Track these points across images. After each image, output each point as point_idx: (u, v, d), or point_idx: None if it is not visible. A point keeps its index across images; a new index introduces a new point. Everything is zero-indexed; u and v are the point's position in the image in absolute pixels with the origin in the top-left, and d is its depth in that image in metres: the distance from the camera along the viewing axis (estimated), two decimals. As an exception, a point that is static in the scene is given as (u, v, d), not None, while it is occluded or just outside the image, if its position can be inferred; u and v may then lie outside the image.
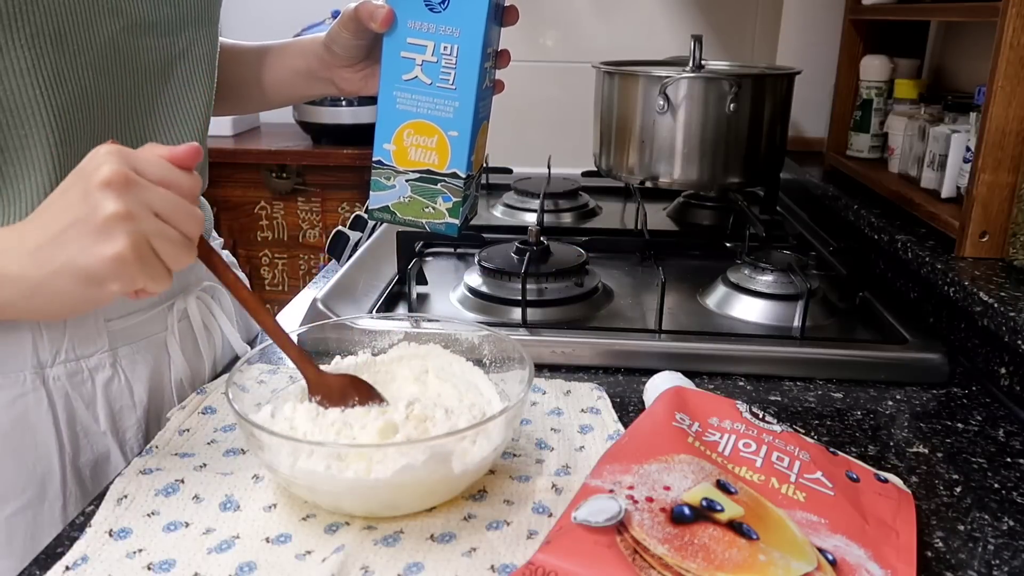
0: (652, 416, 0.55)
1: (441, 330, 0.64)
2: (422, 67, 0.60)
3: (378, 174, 0.64)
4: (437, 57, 0.60)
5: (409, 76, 0.61)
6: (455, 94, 0.60)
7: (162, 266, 0.48)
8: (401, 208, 0.64)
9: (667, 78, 0.98)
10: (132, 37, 0.61)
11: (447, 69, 0.60)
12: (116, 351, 0.66)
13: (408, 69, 0.61)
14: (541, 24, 1.57)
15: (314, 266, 2.15)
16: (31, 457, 0.62)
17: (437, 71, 0.60)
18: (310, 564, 0.47)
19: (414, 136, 0.62)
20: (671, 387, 0.59)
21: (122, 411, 0.67)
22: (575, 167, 1.34)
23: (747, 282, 0.84)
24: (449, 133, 0.61)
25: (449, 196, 0.63)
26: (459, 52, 0.59)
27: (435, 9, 0.59)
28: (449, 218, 0.64)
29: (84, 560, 0.47)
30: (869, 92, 1.21)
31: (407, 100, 0.61)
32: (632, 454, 0.50)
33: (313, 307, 0.79)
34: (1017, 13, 0.76)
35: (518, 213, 1.19)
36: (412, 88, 0.61)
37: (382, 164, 0.63)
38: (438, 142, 0.62)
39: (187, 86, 0.68)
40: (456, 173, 0.62)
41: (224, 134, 2.23)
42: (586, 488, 0.47)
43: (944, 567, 0.48)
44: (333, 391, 0.56)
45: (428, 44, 0.60)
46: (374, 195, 0.64)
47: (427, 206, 0.64)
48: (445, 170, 0.62)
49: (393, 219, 0.65)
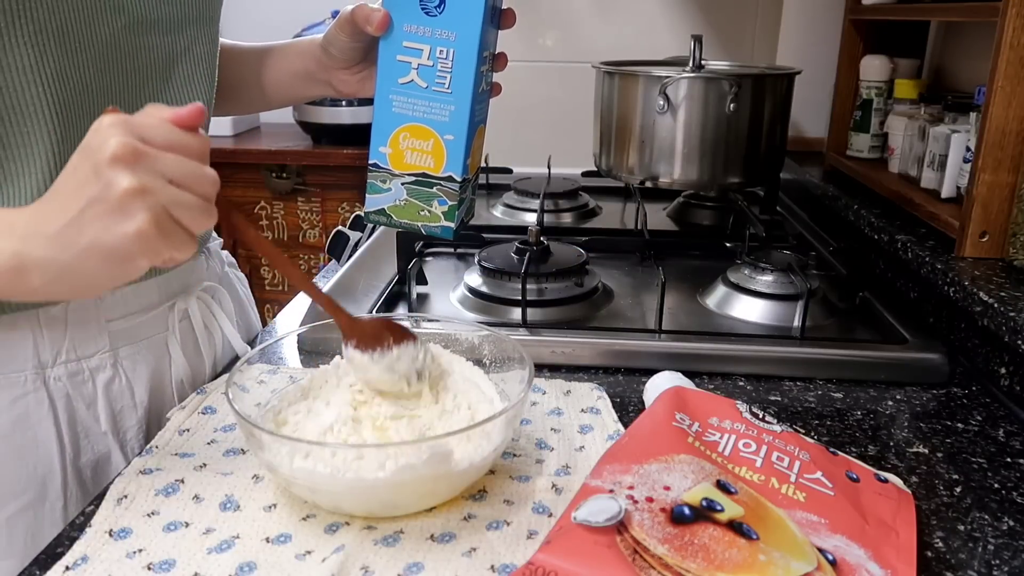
0: (652, 416, 0.55)
1: (441, 330, 0.64)
2: (418, 71, 0.60)
3: (374, 177, 0.64)
4: (433, 61, 0.60)
5: (405, 79, 0.61)
6: (451, 98, 0.60)
7: (185, 233, 0.46)
8: (397, 211, 0.64)
9: (667, 78, 0.98)
10: (134, 35, 0.61)
11: (443, 73, 0.60)
12: (117, 351, 0.66)
13: (404, 72, 0.61)
14: (541, 24, 1.57)
15: (314, 266, 2.15)
16: (32, 458, 0.62)
17: (433, 75, 0.60)
18: (310, 564, 0.47)
19: (410, 139, 0.62)
20: (671, 387, 0.59)
21: (123, 411, 0.67)
22: (575, 167, 1.34)
23: (747, 282, 0.84)
24: (445, 137, 0.61)
25: (445, 199, 0.63)
26: (455, 56, 0.59)
27: (431, 13, 0.59)
28: (445, 221, 0.64)
29: (84, 560, 0.47)
30: (869, 92, 1.21)
31: (403, 103, 0.61)
32: (632, 454, 0.50)
33: (313, 307, 0.79)
34: (1017, 13, 0.76)
35: (518, 213, 1.19)
36: (408, 91, 0.61)
37: (378, 167, 0.63)
38: (434, 146, 0.62)
39: (188, 84, 0.68)
40: (452, 176, 0.62)
41: (224, 134, 2.23)
42: (586, 488, 0.47)
43: (944, 567, 0.48)
44: (367, 334, 0.55)
45: (424, 48, 0.60)
46: (370, 198, 0.64)
47: (423, 209, 0.64)
48: (441, 173, 0.62)
49: (389, 222, 0.65)
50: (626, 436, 0.54)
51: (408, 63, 0.60)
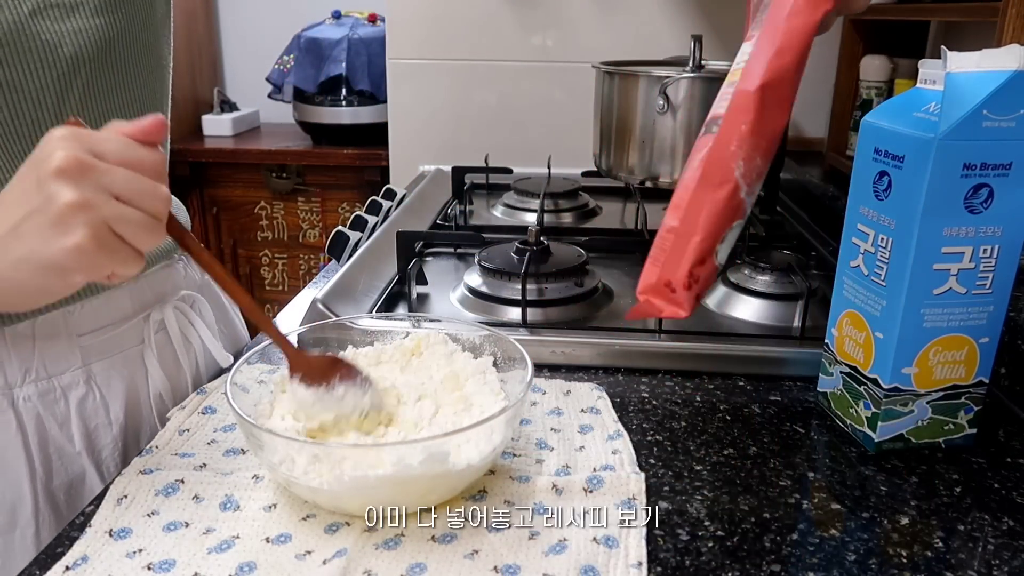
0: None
1: (441, 330, 0.64)
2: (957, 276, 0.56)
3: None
4: (975, 262, 0.56)
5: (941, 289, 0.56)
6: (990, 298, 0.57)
7: (129, 249, 0.45)
8: (918, 433, 0.60)
9: (667, 78, 0.98)
10: (46, 21, 0.56)
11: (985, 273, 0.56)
12: (90, 367, 0.64)
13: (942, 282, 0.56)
14: (541, 24, 1.57)
15: (314, 266, 2.15)
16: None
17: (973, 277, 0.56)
18: (310, 564, 0.47)
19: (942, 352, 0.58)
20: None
21: (97, 429, 0.65)
22: (575, 167, 1.34)
23: (747, 282, 0.84)
24: (980, 341, 0.58)
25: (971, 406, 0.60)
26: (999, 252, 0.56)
27: (976, 210, 0.54)
28: (969, 429, 0.61)
29: (84, 560, 0.47)
30: (869, 92, 1.21)
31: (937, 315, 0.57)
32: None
33: (313, 307, 0.79)
34: (1017, 13, 0.77)
35: (518, 213, 1.19)
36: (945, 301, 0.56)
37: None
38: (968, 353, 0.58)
39: (126, 71, 0.63)
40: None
41: (224, 134, 2.23)
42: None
43: (944, 567, 0.48)
44: (314, 369, 0.54)
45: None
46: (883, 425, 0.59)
47: (947, 424, 0.60)
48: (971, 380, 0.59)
49: (907, 446, 0.60)
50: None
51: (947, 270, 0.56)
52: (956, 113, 0.52)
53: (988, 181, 0.53)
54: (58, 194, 0.43)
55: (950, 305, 0.56)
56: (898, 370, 0.58)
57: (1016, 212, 0.55)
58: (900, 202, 0.55)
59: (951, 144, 0.52)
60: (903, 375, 0.58)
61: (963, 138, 0.52)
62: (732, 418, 0.65)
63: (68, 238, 0.43)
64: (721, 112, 0.49)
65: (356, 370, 0.56)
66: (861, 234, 0.60)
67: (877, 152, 0.57)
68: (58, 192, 0.43)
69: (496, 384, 0.59)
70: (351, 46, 2.07)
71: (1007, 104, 0.51)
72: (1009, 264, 0.56)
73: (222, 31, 2.46)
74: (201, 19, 2.33)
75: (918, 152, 0.53)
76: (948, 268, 0.55)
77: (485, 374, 0.60)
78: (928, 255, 0.55)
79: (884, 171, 0.57)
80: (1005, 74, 0.51)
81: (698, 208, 0.50)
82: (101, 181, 0.44)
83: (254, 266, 2.19)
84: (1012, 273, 0.57)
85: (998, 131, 0.52)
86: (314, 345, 0.62)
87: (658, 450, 0.60)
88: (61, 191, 0.43)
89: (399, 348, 0.64)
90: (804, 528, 0.52)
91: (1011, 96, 0.51)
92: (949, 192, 0.53)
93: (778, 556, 0.49)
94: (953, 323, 0.57)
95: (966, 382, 0.59)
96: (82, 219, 0.43)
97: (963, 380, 0.59)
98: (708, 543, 0.50)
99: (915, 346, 0.57)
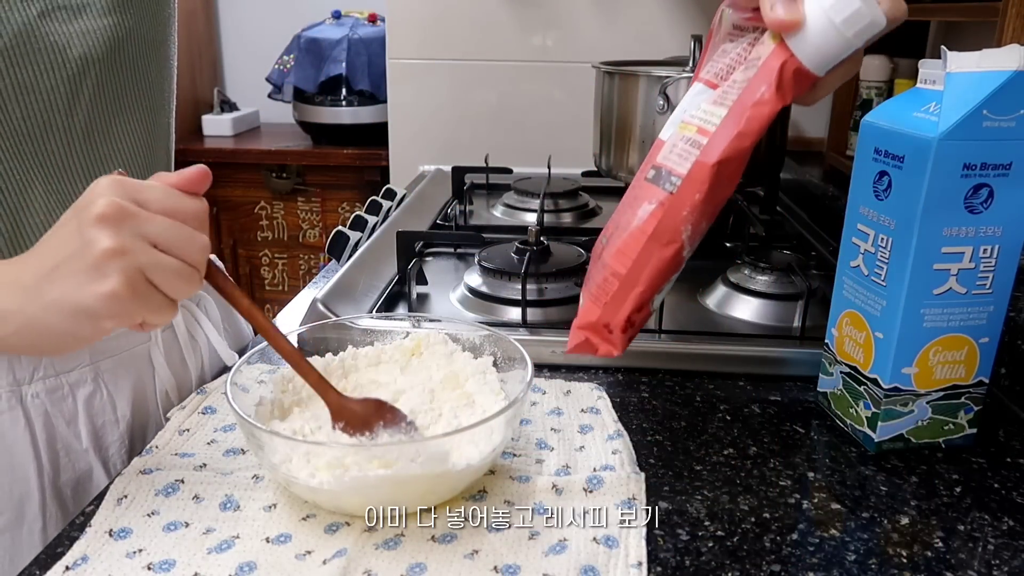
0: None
1: (441, 330, 0.64)
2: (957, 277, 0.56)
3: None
4: (975, 262, 0.56)
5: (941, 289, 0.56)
6: (991, 298, 0.57)
7: (163, 298, 0.46)
8: (917, 433, 0.60)
9: (667, 78, 0.98)
10: (54, 23, 0.56)
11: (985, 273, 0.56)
12: (98, 365, 0.64)
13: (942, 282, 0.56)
14: (541, 24, 1.57)
15: (314, 266, 2.15)
16: (7, 479, 0.60)
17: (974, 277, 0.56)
18: (310, 564, 0.47)
19: (942, 352, 0.58)
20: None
21: (104, 427, 0.65)
22: (575, 167, 1.34)
23: (747, 282, 0.84)
24: (980, 341, 0.58)
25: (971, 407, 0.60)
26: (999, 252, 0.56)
27: (975, 210, 0.54)
28: (970, 429, 0.61)
29: (84, 560, 0.47)
30: (869, 92, 1.21)
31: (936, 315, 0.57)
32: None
33: (313, 307, 0.79)
34: (1017, 13, 0.77)
35: (518, 213, 1.19)
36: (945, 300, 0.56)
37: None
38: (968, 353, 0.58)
39: (135, 70, 0.63)
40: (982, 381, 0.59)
41: (224, 134, 2.24)
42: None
43: (944, 567, 0.48)
44: (357, 416, 0.54)
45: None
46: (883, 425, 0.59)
47: (947, 424, 0.60)
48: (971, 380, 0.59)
49: (907, 446, 0.60)
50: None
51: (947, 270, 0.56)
52: (956, 113, 0.52)
53: (988, 181, 0.53)
54: (96, 240, 0.43)
55: (950, 305, 0.57)
56: (898, 370, 0.58)
57: (1016, 212, 0.55)
58: (900, 202, 0.55)
59: (951, 144, 0.52)
60: (903, 375, 0.58)
61: (963, 138, 0.52)
62: (732, 418, 0.65)
63: (103, 284, 0.44)
64: (680, 172, 0.51)
65: (399, 413, 0.55)
66: (861, 234, 0.60)
67: (877, 152, 0.57)
68: (97, 238, 0.43)
69: (496, 384, 0.59)
70: (351, 46, 2.07)
71: (1007, 104, 0.51)
72: (1009, 264, 0.56)
73: (222, 31, 2.46)
74: (201, 19, 2.33)
75: (918, 152, 0.53)
76: (948, 268, 0.55)
77: (485, 374, 0.60)
78: (928, 255, 0.55)
79: (884, 171, 0.57)
80: (1005, 74, 0.51)
81: (645, 262, 0.52)
82: (140, 229, 0.44)
83: (254, 266, 2.19)
84: (1012, 273, 0.57)
85: (998, 131, 0.52)
86: (314, 345, 0.62)
87: (658, 450, 0.60)
88: (100, 237, 0.43)
89: (399, 348, 0.64)
90: (804, 528, 0.52)
91: (1011, 96, 0.51)
92: (949, 192, 0.53)
93: (778, 556, 0.49)
94: (953, 323, 0.57)
95: (966, 382, 0.59)
96: (117, 265, 0.44)
97: (963, 380, 0.59)
98: (708, 543, 0.50)
99: (915, 346, 0.57)
